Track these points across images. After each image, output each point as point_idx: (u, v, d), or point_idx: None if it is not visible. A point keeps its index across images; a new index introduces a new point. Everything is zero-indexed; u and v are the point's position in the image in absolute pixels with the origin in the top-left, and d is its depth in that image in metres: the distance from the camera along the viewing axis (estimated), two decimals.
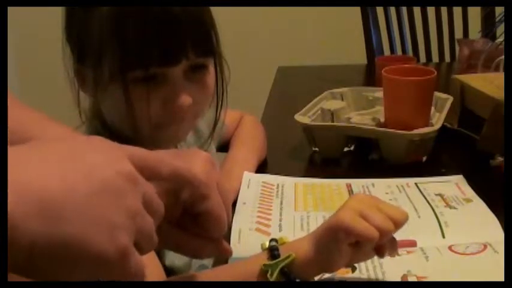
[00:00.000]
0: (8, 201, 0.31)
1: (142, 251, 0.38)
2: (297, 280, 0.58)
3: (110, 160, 0.37)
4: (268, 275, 0.57)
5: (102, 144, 0.39)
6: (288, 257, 0.58)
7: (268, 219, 0.77)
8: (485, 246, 0.66)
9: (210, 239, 0.49)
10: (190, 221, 0.48)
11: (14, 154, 0.34)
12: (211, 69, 0.73)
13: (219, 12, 0.75)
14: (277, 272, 0.57)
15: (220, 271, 0.62)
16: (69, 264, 0.34)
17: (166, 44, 0.67)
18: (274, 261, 0.58)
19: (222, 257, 0.50)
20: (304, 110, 1.05)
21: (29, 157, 0.34)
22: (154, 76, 0.68)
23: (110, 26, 0.66)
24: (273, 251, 0.59)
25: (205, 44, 0.71)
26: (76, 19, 0.71)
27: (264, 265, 0.58)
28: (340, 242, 0.57)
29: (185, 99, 0.69)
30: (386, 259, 0.64)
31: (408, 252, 0.66)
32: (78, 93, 0.75)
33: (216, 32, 0.72)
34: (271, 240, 0.62)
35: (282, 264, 0.58)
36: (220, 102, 0.79)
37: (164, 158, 0.43)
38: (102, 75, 0.68)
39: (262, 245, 0.62)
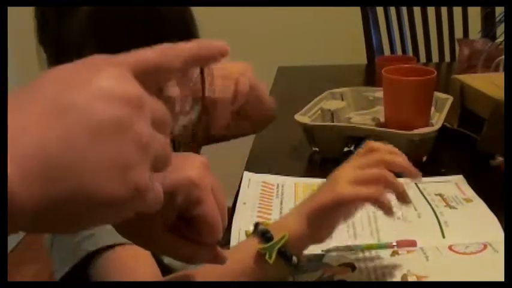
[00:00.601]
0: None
1: (159, 170, 0.35)
2: (294, 258, 0.60)
3: (106, 87, 0.32)
4: (267, 258, 0.59)
5: (94, 67, 0.34)
6: (283, 237, 0.59)
7: (268, 219, 0.77)
8: (485, 246, 0.66)
9: (204, 244, 0.49)
10: (185, 225, 0.48)
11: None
12: None
13: (219, 13, 0.75)
14: (275, 253, 0.59)
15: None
16: (82, 216, 0.32)
17: (149, 36, 0.65)
18: (269, 244, 0.59)
19: (217, 263, 0.50)
20: (304, 110, 1.05)
21: (18, 112, 0.30)
22: None
23: (90, 26, 0.65)
24: (264, 234, 0.60)
25: (186, 35, 0.68)
26: (52, 21, 0.70)
27: (261, 249, 0.59)
28: (338, 216, 0.60)
29: (173, 90, 0.68)
30: (386, 259, 0.64)
31: (408, 252, 0.66)
32: None
33: (196, 28, 0.71)
34: (256, 224, 0.63)
35: (279, 245, 0.59)
36: (204, 97, 0.76)
37: (171, 48, 0.39)
38: None
39: (246, 231, 0.63)
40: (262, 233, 0.61)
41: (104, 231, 0.67)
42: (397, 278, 0.61)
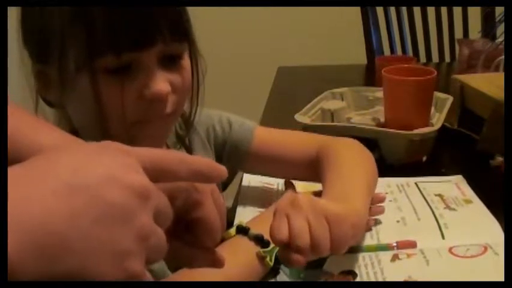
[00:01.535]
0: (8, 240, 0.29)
1: (153, 262, 0.37)
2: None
3: (117, 174, 0.34)
4: (268, 260, 0.63)
5: (108, 153, 0.35)
6: None
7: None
8: (485, 248, 0.65)
9: (203, 248, 0.48)
10: (183, 229, 0.47)
11: (11, 183, 0.31)
12: (187, 59, 0.69)
13: (219, 13, 0.75)
14: (274, 256, 0.63)
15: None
16: None
17: (139, 25, 0.61)
18: (270, 248, 0.63)
19: (215, 267, 0.50)
20: (304, 110, 1.05)
21: (27, 184, 0.31)
22: (127, 65, 0.62)
23: (74, 10, 0.61)
24: (261, 239, 0.63)
25: (179, 26, 0.65)
26: (35, 14, 0.65)
27: (263, 252, 0.63)
28: None
29: (163, 86, 0.64)
30: (387, 264, 0.64)
31: (408, 255, 0.66)
32: (37, 101, 0.68)
33: (188, 18, 0.67)
34: (238, 226, 0.65)
35: (276, 249, 0.62)
36: (196, 96, 0.72)
37: (183, 157, 0.40)
38: (68, 69, 0.62)
39: (229, 232, 0.65)
40: (258, 237, 0.63)
41: None
42: None
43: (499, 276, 0.57)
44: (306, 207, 0.57)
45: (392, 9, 1.80)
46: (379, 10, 1.79)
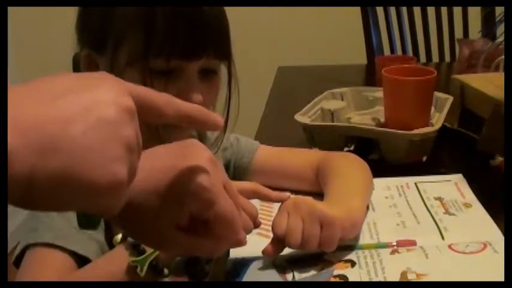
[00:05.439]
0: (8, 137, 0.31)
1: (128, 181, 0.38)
2: (165, 270, 0.61)
3: (111, 93, 0.36)
4: (138, 271, 0.60)
5: (104, 79, 0.38)
6: (154, 251, 0.60)
7: (269, 226, 0.77)
8: (485, 246, 0.66)
9: (224, 238, 0.48)
10: (202, 225, 0.47)
11: (11, 93, 0.34)
12: (220, 76, 0.75)
13: None
14: (147, 266, 0.60)
15: (87, 272, 0.62)
16: (66, 195, 0.34)
17: (192, 37, 0.68)
18: (141, 257, 0.60)
19: (239, 246, 0.51)
20: (304, 110, 1.05)
21: (27, 93, 0.34)
22: (172, 70, 0.69)
23: (140, 9, 0.67)
24: (136, 247, 0.61)
25: (224, 46, 0.73)
26: (96, 11, 0.71)
27: (133, 261, 0.60)
28: None
29: (198, 97, 0.69)
30: (386, 256, 0.64)
31: (408, 250, 0.66)
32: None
33: (230, 39, 0.74)
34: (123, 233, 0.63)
35: (150, 258, 0.60)
36: (228, 107, 0.79)
37: (172, 99, 0.42)
38: (120, 61, 0.68)
39: (115, 239, 0.64)
40: (133, 245, 0.61)
41: (47, 228, 0.66)
42: (397, 274, 0.61)
43: (498, 274, 0.57)
44: (304, 209, 0.63)
45: (392, 9, 1.80)
46: (379, 10, 1.79)
